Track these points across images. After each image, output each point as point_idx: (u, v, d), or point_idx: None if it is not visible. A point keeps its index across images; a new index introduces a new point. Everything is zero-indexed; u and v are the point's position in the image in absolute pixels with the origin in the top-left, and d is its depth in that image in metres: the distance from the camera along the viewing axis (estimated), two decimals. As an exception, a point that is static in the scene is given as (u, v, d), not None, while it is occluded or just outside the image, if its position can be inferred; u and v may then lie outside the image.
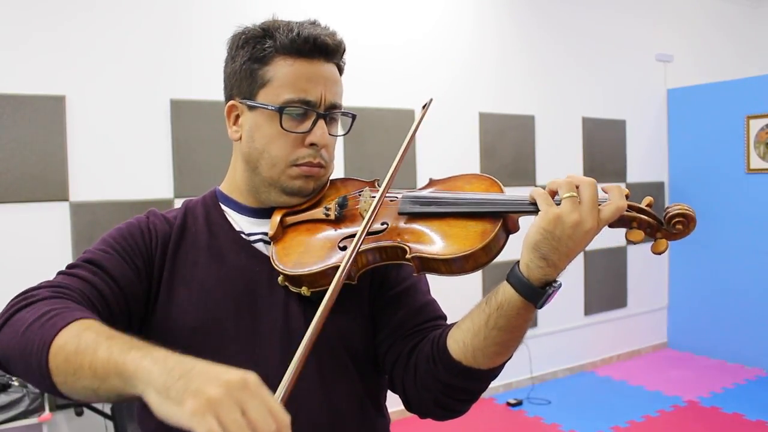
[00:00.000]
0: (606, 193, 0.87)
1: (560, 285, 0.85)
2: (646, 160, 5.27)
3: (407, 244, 0.93)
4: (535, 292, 0.84)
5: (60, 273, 0.96)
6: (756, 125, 4.78)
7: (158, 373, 0.66)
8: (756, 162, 4.80)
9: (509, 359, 0.95)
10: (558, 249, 0.82)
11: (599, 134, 4.95)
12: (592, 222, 0.82)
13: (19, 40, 2.89)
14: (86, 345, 0.74)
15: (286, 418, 0.65)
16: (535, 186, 4.47)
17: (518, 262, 0.87)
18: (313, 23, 1.03)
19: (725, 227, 4.97)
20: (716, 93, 5.05)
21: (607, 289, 5.01)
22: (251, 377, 0.65)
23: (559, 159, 4.71)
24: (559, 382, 4.68)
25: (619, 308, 5.13)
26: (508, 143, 4.45)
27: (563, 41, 4.75)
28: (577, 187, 0.84)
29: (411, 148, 4.09)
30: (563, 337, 4.73)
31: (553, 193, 0.85)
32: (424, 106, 1.06)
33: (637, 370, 4.87)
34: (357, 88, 3.68)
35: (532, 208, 0.87)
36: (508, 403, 4.20)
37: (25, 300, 0.85)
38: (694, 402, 4.16)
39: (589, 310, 4.92)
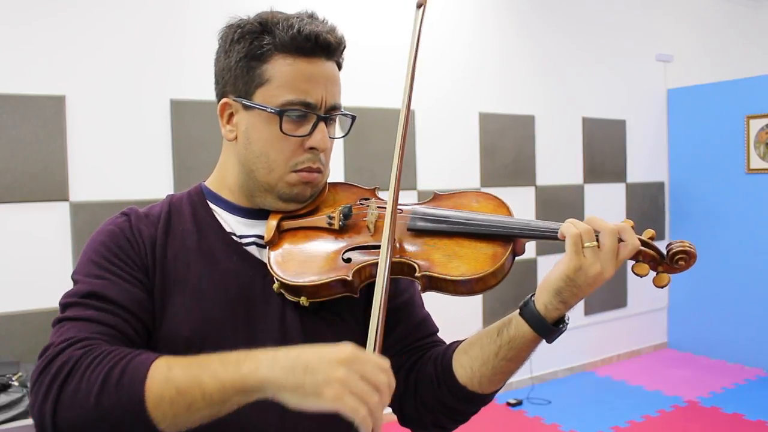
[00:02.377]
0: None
1: (569, 319, 0.90)
2: (646, 160, 5.27)
3: (416, 261, 0.91)
4: (551, 330, 0.88)
5: (63, 320, 0.87)
6: (756, 125, 4.78)
7: (282, 376, 0.73)
8: (756, 162, 4.80)
9: (504, 385, 0.99)
10: (577, 294, 0.86)
11: (599, 134, 4.95)
12: (612, 270, 0.84)
13: (19, 41, 2.88)
14: (184, 382, 0.75)
15: (386, 363, 0.75)
16: (536, 186, 4.52)
17: (531, 298, 0.89)
18: (311, 16, 0.97)
19: (725, 227, 4.97)
20: (716, 93, 5.05)
21: (607, 289, 5.00)
22: (350, 348, 0.74)
23: (559, 159, 4.71)
24: (559, 382, 4.67)
25: (619, 308, 5.13)
26: (508, 143, 4.45)
27: (563, 41, 4.75)
28: (597, 234, 0.85)
29: (411, 148, 4.09)
30: (563, 337, 4.68)
31: (579, 236, 0.85)
32: (419, 5, 0.97)
33: (637, 370, 4.87)
34: (357, 88, 3.68)
35: (553, 235, 0.89)
36: (508, 403, 4.20)
37: (64, 366, 0.78)
38: (694, 402, 4.16)
39: (589, 310, 4.92)
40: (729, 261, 4.97)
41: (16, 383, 2.52)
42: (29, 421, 2.50)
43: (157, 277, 0.94)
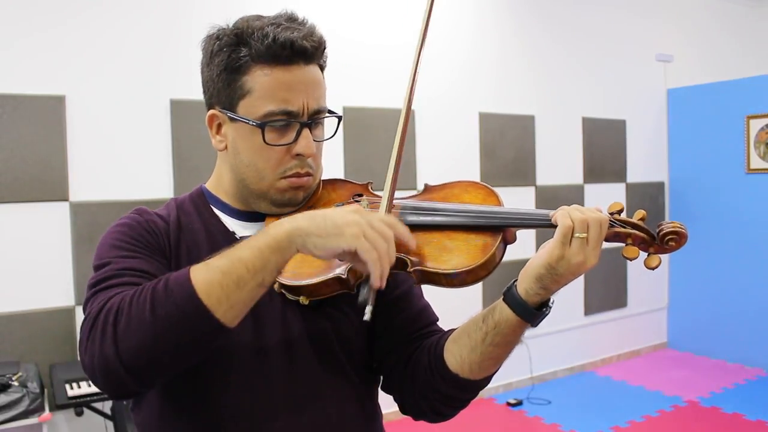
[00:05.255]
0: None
1: (553, 303, 0.91)
2: (646, 160, 5.27)
3: (408, 256, 0.92)
4: (533, 314, 0.89)
5: (97, 291, 0.87)
6: (756, 125, 4.78)
7: (305, 224, 0.81)
8: (756, 162, 4.80)
9: (499, 369, 0.99)
10: (558, 281, 0.87)
11: (599, 134, 4.95)
12: (595, 259, 0.86)
13: (19, 40, 2.89)
14: (225, 264, 0.80)
15: (393, 218, 0.85)
16: (536, 186, 4.52)
17: (514, 282, 0.91)
18: (289, 19, 0.97)
19: (725, 227, 4.97)
20: (716, 93, 5.05)
21: (607, 289, 5.01)
22: (357, 205, 0.86)
23: (559, 159, 4.71)
24: (559, 382, 4.67)
25: (619, 308, 5.13)
26: (508, 143, 4.45)
27: (563, 41, 4.75)
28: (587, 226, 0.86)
29: (411, 147, 4.09)
30: (563, 337, 4.73)
31: (571, 228, 0.86)
32: None
33: (637, 370, 4.87)
34: (357, 88, 3.68)
35: (543, 223, 0.90)
36: (508, 403, 4.20)
37: (109, 312, 0.80)
38: (694, 402, 4.16)
39: (589, 310, 4.92)
40: (729, 261, 4.97)
41: (16, 383, 2.52)
42: (29, 421, 2.50)
43: (173, 269, 0.95)
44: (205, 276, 0.79)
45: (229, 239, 1.01)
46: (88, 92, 3.04)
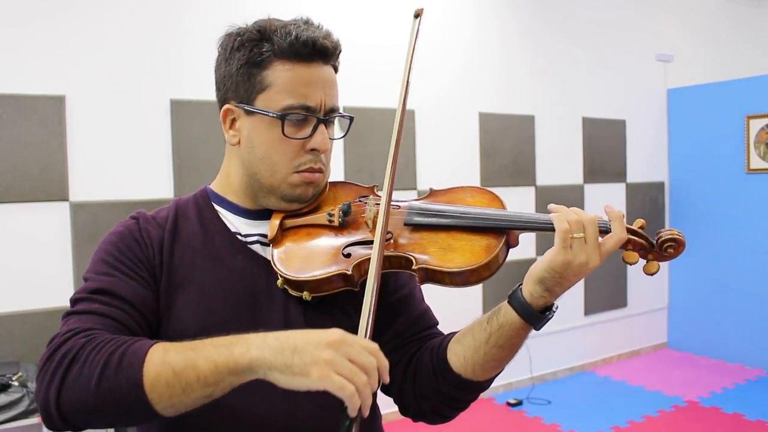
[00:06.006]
0: (606, 216, 0.91)
1: (557, 307, 0.92)
2: (646, 160, 5.27)
3: (413, 254, 0.94)
4: (537, 317, 0.91)
5: (71, 314, 0.90)
6: (756, 125, 4.78)
7: (271, 357, 0.76)
8: (756, 162, 4.80)
9: (501, 371, 1.00)
10: (562, 283, 0.89)
11: (599, 134, 4.95)
12: (597, 259, 0.87)
13: (19, 40, 2.89)
14: (180, 365, 0.79)
15: (374, 346, 0.78)
16: (536, 186, 4.52)
17: (519, 286, 0.92)
18: (307, 22, 1.01)
19: (725, 227, 4.97)
20: (716, 93, 5.05)
21: (607, 289, 5.01)
22: (338, 332, 0.77)
23: (559, 159, 4.71)
24: (559, 382, 4.68)
25: (619, 308, 5.13)
26: (508, 143, 4.45)
27: (563, 41, 4.75)
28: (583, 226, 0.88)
29: (411, 148, 4.10)
30: (563, 337, 4.73)
31: (569, 232, 0.87)
32: (416, 15, 1.01)
33: (637, 370, 4.87)
34: (357, 88, 3.68)
35: (544, 227, 0.91)
36: (508, 403, 4.20)
37: (67, 354, 0.82)
38: (694, 402, 4.16)
39: (589, 310, 4.92)
40: (729, 261, 4.97)
41: (16, 383, 2.52)
42: (29, 421, 2.50)
43: (164, 277, 0.98)
44: (157, 369, 0.79)
45: (230, 240, 1.03)
46: (88, 92, 3.04)
